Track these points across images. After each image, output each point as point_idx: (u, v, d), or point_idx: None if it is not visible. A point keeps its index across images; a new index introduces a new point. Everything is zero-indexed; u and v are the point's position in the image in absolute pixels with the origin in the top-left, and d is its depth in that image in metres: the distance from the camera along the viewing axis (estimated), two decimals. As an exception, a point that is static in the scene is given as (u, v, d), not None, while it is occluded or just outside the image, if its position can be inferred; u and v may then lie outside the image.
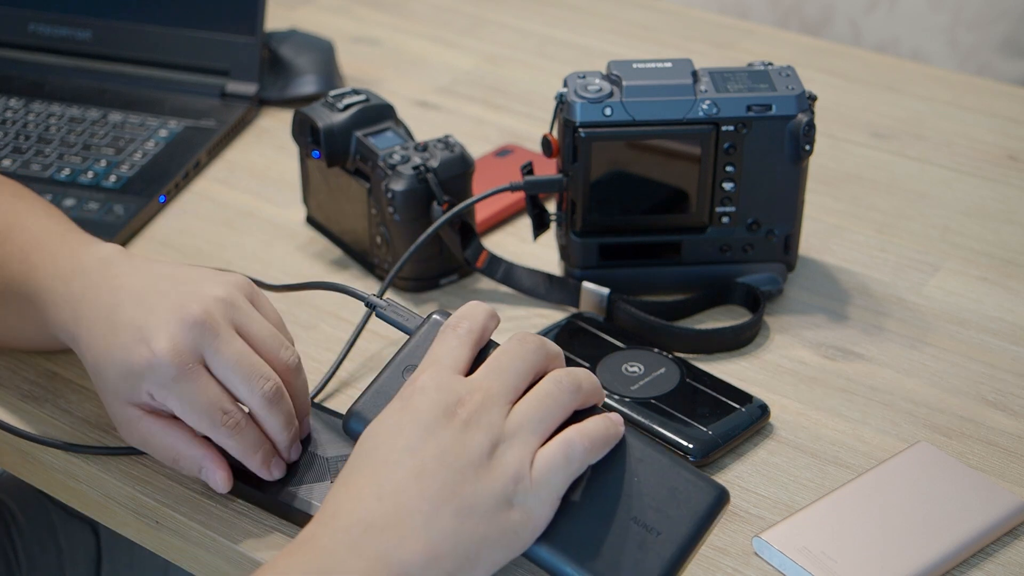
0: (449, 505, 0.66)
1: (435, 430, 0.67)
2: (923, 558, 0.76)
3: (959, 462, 0.84)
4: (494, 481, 0.67)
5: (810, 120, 0.94)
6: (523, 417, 0.69)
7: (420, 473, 0.66)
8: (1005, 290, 1.02)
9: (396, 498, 0.66)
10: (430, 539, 0.65)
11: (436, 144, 1.00)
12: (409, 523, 0.65)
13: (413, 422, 0.68)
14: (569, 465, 0.68)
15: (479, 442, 0.67)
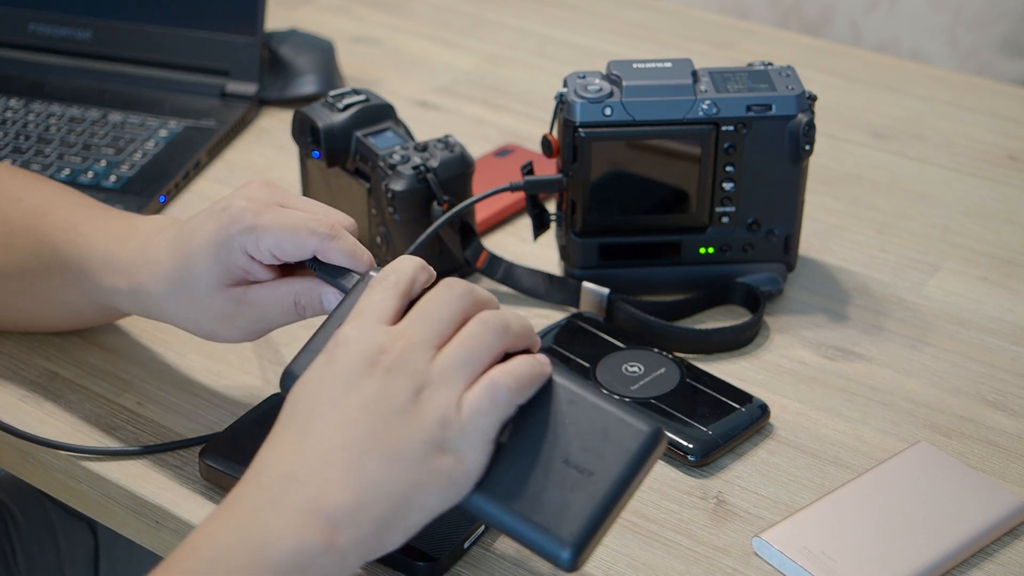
0: (374, 453, 0.65)
1: (358, 380, 0.67)
2: (923, 558, 0.76)
3: (959, 462, 0.84)
4: (420, 426, 0.66)
5: (810, 120, 0.94)
6: (447, 361, 0.68)
7: (343, 423, 0.66)
8: (1005, 290, 1.02)
9: (319, 449, 0.65)
10: (356, 486, 0.65)
11: (436, 144, 1.00)
12: (333, 472, 0.65)
13: (336, 374, 0.67)
14: (496, 407, 0.67)
15: (402, 388, 0.67)
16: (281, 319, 0.81)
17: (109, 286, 0.84)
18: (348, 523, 0.64)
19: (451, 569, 0.78)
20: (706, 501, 0.82)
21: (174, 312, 0.82)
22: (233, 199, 0.80)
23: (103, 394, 0.91)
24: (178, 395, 0.91)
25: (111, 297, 0.85)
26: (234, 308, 0.81)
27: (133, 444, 0.87)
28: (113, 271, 0.84)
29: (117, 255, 0.84)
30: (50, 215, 0.87)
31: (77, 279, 0.86)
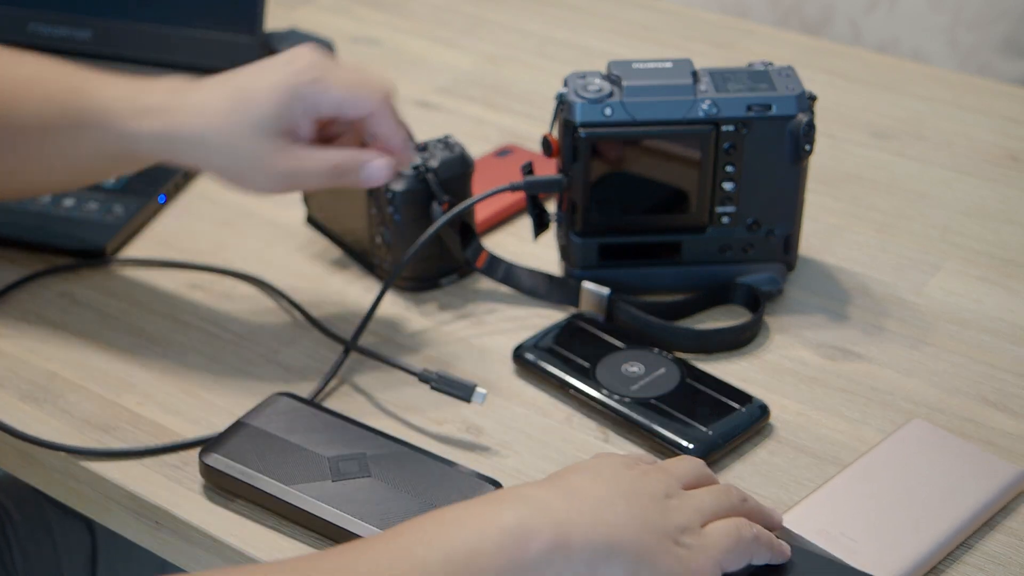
0: (621, 502, 0.67)
1: (618, 469, 0.70)
2: (937, 533, 0.78)
3: (955, 436, 0.85)
4: (665, 515, 0.68)
5: (810, 120, 0.94)
6: (699, 497, 0.72)
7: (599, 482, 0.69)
8: (1005, 290, 1.02)
9: (572, 495, 0.67)
10: (599, 517, 0.66)
11: (436, 144, 1.00)
12: (579, 507, 0.66)
13: (596, 465, 0.71)
14: (736, 539, 0.70)
15: (656, 484, 0.70)
16: (314, 180, 0.87)
17: (134, 130, 0.87)
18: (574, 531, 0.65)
19: (451, 569, 0.78)
20: (706, 501, 0.82)
21: (209, 154, 0.87)
22: (298, 54, 0.85)
23: (103, 394, 0.91)
24: (178, 395, 0.91)
25: (135, 143, 0.88)
26: (274, 157, 0.85)
27: (133, 444, 0.87)
28: (143, 114, 0.87)
29: (144, 100, 0.88)
30: (49, 80, 0.90)
31: (93, 132, 0.88)
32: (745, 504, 0.74)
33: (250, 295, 1.01)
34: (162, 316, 0.99)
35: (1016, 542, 0.79)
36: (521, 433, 0.88)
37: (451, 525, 0.65)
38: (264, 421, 0.85)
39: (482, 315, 0.99)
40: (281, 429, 0.85)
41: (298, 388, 0.91)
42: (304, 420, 0.86)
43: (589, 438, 0.88)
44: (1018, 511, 0.82)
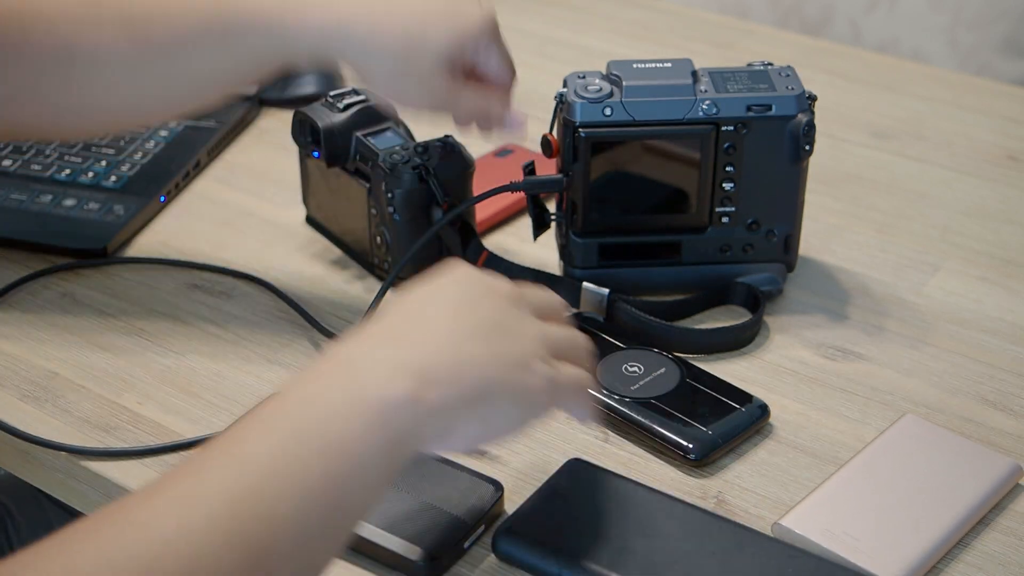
0: (477, 340, 0.68)
1: (476, 296, 0.71)
2: (937, 530, 0.78)
3: (948, 431, 0.86)
4: (522, 341, 0.70)
5: (810, 120, 0.94)
6: (552, 328, 0.73)
7: (454, 317, 0.69)
8: (1005, 290, 1.02)
9: (425, 324, 0.69)
10: (454, 357, 0.67)
11: (436, 144, 1.00)
12: (435, 342, 0.68)
13: (455, 283, 0.71)
14: (580, 390, 0.73)
15: (513, 314, 0.71)
16: (464, 111, 0.93)
17: (298, 25, 0.88)
18: (436, 384, 0.66)
19: (451, 569, 0.78)
20: (706, 501, 0.83)
21: (377, 57, 0.89)
22: (485, 6, 0.92)
23: (103, 394, 0.91)
24: (178, 395, 0.91)
25: (296, 41, 0.89)
26: (440, 78, 0.90)
27: (133, 444, 0.87)
28: (304, 8, 0.88)
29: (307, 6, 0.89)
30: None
31: (248, 34, 0.89)
32: (589, 356, 0.75)
33: (250, 295, 1.01)
34: (162, 316, 0.99)
35: (1015, 541, 0.80)
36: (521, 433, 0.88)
37: (313, 407, 0.65)
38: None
39: (482, 315, 0.99)
40: None
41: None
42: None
43: (589, 438, 0.88)
44: (1016, 510, 0.82)
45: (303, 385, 0.66)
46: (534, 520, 0.78)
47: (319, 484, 0.62)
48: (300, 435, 0.63)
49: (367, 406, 0.64)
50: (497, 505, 0.80)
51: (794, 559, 0.75)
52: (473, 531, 0.78)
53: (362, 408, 0.64)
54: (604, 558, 0.75)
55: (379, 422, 0.64)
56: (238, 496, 0.60)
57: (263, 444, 0.63)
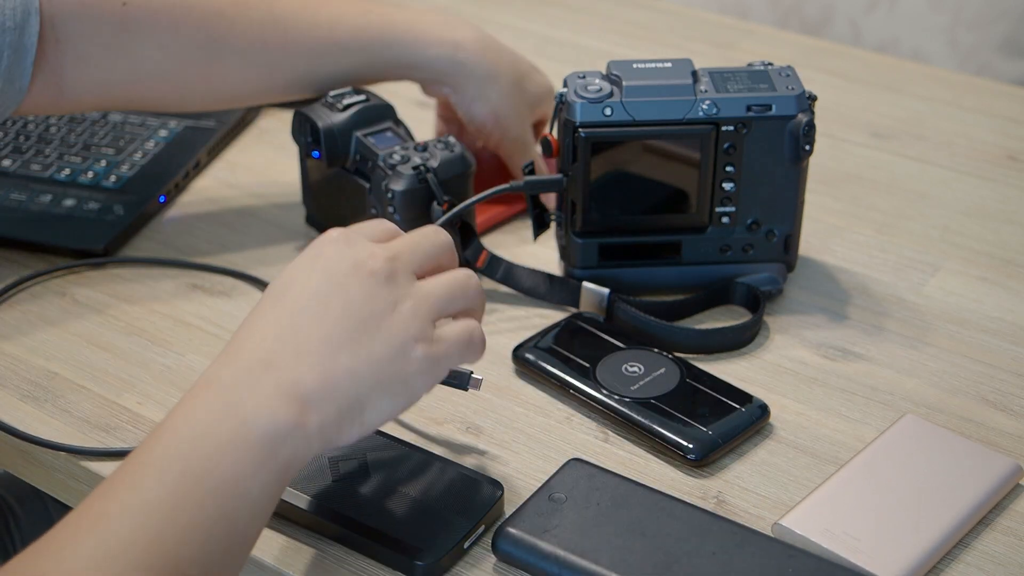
0: (347, 348, 0.70)
1: (343, 280, 0.71)
2: (937, 530, 0.78)
3: (948, 430, 0.86)
4: (391, 333, 0.71)
5: (810, 120, 0.94)
6: (430, 288, 0.73)
7: (324, 318, 0.70)
8: (1005, 290, 1.02)
9: (297, 338, 0.70)
10: (326, 375, 0.69)
11: (436, 144, 1.00)
12: (308, 360, 0.69)
13: (322, 270, 0.72)
14: (466, 345, 0.74)
15: (384, 295, 0.71)
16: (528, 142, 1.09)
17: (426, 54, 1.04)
18: (316, 406, 0.68)
19: (451, 569, 0.78)
20: (706, 501, 0.83)
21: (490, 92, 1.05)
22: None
23: (103, 394, 0.91)
24: (178, 395, 0.91)
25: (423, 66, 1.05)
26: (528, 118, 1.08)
27: (133, 444, 0.87)
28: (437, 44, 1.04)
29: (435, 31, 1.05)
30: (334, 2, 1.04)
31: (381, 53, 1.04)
32: (478, 294, 0.76)
33: (250, 295, 1.01)
34: (162, 316, 0.99)
35: (1015, 541, 0.80)
36: (521, 433, 0.88)
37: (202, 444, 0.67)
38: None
39: (482, 315, 0.99)
40: None
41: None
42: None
43: (589, 438, 0.88)
44: (1016, 510, 0.82)
45: (190, 417, 0.69)
46: (534, 520, 0.78)
47: (216, 523, 0.66)
48: (193, 476, 0.66)
49: (254, 440, 0.67)
50: (497, 505, 0.80)
51: (794, 559, 0.75)
52: (473, 531, 0.78)
53: (250, 442, 0.67)
54: (604, 558, 0.75)
55: (268, 454, 0.67)
56: (143, 547, 0.64)
57: (159, 489, 0.66)
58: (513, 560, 0.77)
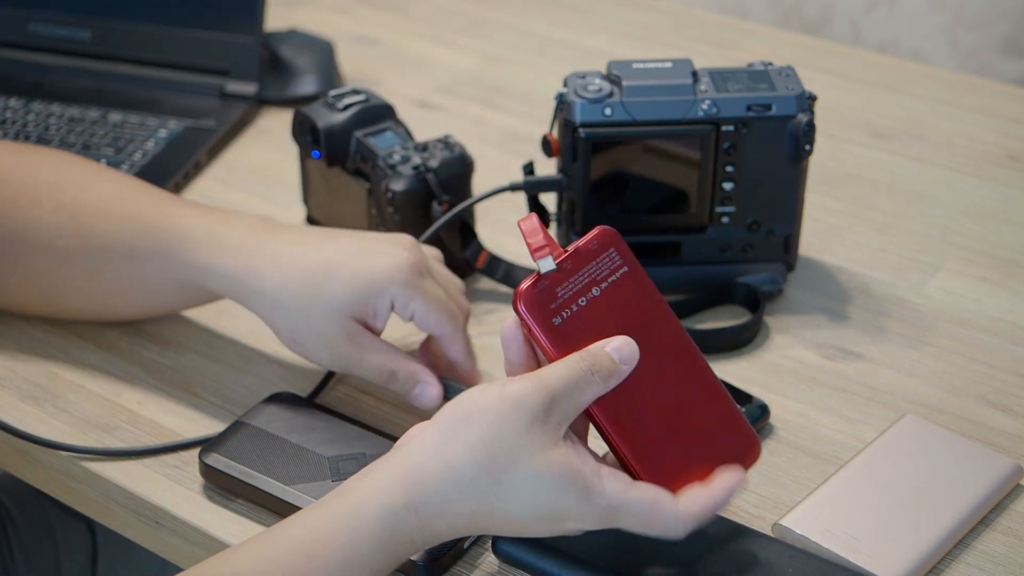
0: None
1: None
2: (938, 530, 0.78)
3: (948, 431, 0.86)
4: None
5: (810, 120, 0.94)
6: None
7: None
8: (1005, 290, 1.02)
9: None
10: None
11: (436, 144, 1.00)
12: None
13: None
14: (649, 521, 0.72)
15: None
16: (369, 374, 0.85)
17: (208, 264, 0.85)
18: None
19: (451, 569, 0.78)
20: (706, 501, 0.82)
21: (278, 313, 0.85)
22: (399, 249, 0.84)
23: (103, 394, 0.91)
24: (178, 395, 0.91)
25: (207, 277, 0.86)
26: (341, 340, 0.84)
27: (133, 444, 0.87)
28: (221, 251, 0.85)
29: (224, 235, 0.86)
30: (128, 200, 0.89)
31: (168, 258, 0.87)
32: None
33: (250, 295, 1.01)
34: (162, 316, 0.99)
35: (1015, 541, 0.80)
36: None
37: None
38: (264, 421, 0.85)
39: (482, 315, 0.99)
40: (281, 429, 0.85)
41: (298, 388, 0.91)
42: (304, 420, 0.86)
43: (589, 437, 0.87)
44: (1016, 510, 0.82)
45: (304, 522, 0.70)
46: None
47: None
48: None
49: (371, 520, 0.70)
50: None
51: (794, 559, 0.75)
52: (473, 531, 0.78)
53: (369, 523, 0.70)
54: (604, 558, 0.75)
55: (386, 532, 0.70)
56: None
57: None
58: (513, 560, 0.77)
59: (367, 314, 0.83)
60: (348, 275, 0.82)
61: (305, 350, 0.85)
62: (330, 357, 0.85)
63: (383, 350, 0.84)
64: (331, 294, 0.83)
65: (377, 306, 0.83)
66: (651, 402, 0.72)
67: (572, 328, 0.71)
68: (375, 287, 0.82)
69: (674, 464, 0.71)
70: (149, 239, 0.87)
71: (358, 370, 0.85)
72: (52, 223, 0.89)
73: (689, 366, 0.74)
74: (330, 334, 0.83)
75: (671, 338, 0.74)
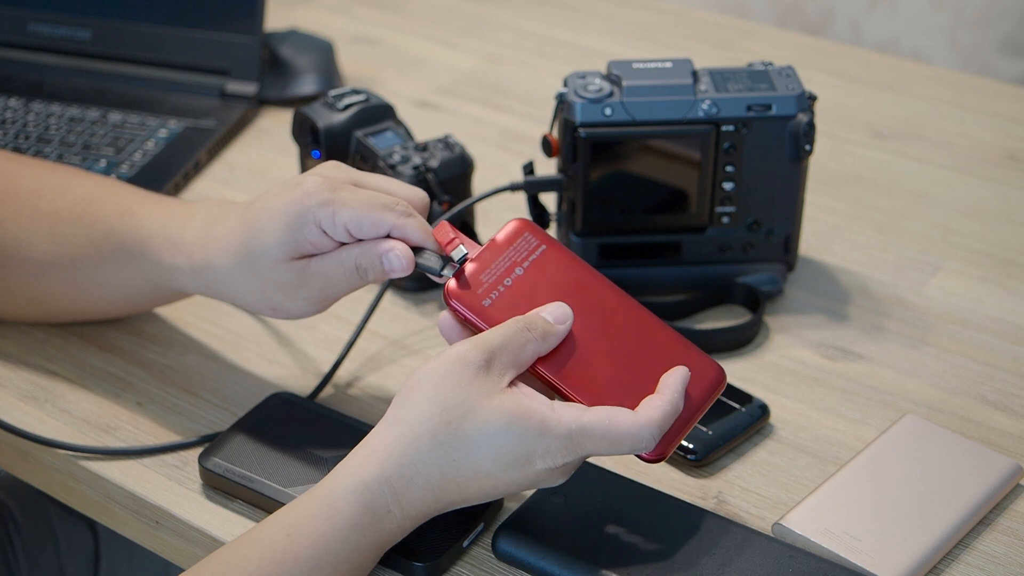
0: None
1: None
2: (938, 530, 0.78)
3: (948, 431, 0.86)
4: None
5: (810, 120, 0.94)
6: None
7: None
8: (1005, 290, 1.02)
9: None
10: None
11: (436, 144, 1.00)
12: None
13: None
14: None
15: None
16: (345, 285, 0.83)
17: (171, 264, 0.85)
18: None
19: (451, 569, 0.78)
20: (706, 501, 0.82)
21: (239, 287, 0.84)
22: (307, 176, 0.81)
23: (103, 394, 0.91)
24: (178, 395, 0.91)
25: (173, 276, 0.86)
26: (299, 279, 0.82)
27: (133, 444, 0.87)
28: (176, 250, 0.85)
29: (179, 233, 0.85)
30: (100, 202, 0.89)
31: (136, 261, 0.87)
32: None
33: (250, 295, 1.01)
34: (162, 316, 0.99)
35: (1015, 541, 0.80)
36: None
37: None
38: (263, 422, 0.85)
39: (482, 315, 0.99)
40: (280, 430, 0.85)
41: (298, 388, 0.91)
42: (303, 420, 0.86)
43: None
44: (1016, 510, 0.82)
45: (286, 512, 0.73)
46: (534, 520, 0.78)
47: None
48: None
49: (347, 497, 0.72)
50: (497, 503, 0.80)
51: (794, 559, 0.75)
52: (472, 528, 0.78)
53: (344, 500, 0.72)
54: (604, 558, 0.75)
55: (361, 507, 0.73)
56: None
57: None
58: (513, 560, 0.77)
59: (305, 248, 0.81)
60: (267, 223, 0.81)
61: (281, 310, 0.84)
62: (307, 302, 0.83)
63: (336, 255, 0.81)
64: (262, 249, 0.81)
65: (307, 236, 0.80)
66: (598, 353, 0.76)
67: (503, 305, 0.76)
68: (293, 221, 0.80)
69: (633, 404, 0.74)
70: (115, 243, 0.88)
71: (333, 291, 0.83)
72: (30, 233, 0.90)
73: (631, 318, 0.78)
74: (285, 282, 0.82)
75: (605, 295, 0.78)
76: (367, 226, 0.79)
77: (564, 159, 0.96)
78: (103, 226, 0.88)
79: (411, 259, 0.80)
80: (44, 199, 0.90)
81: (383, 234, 0.80)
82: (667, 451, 0.74)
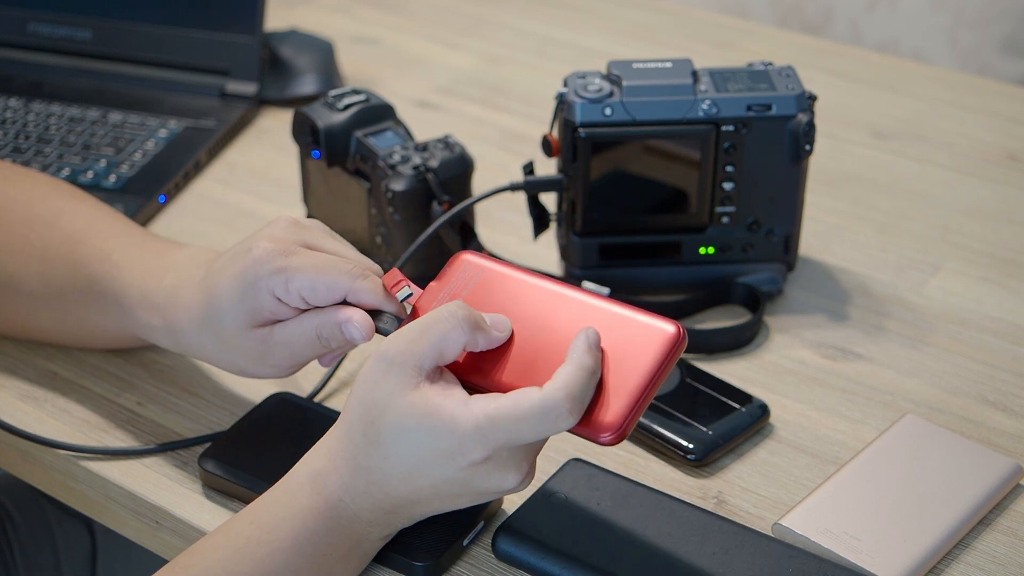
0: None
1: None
2: (938, 530, 0.78)
3: (948, 431, 0.86)
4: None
5: (810, 120, 0.94)
6: None
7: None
8: (1005, 290, 1.02)
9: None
10: None
11: (436, 144, 1.00)
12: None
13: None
14: None
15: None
16: (310, 352, 0.81)
17: (145, 322, 0.85)
18: None
19: (451, 569, 0.78)
20: (706, 501, 0.83)
21: (208, 352, 0.83)
22: (258, 239, 0.79)
23: (103, 394, 0.91)
24: (178, 395, 0.91)
25: (149, 332, 0.86)
26: (262, 347, 0.80)
27: (133, 444, 0.87)
28: (149, 308, 0.84)
29: (153, 292, 0.84)
30: (86, 243, 0.88)
31: (114, 311, 0.87)
32: None
33: (250, 295, 1.01)
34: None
35: (1015, 541, 0.80)
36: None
37: None
38: (263, 422, 0.85)
39: (482, 315, 0.99)
40: (280, 430, 0.85)
41: (298, 388, 0.91)
42: (303, 421, 0.86)
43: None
44: (1016, 510, 0.82)
45: (248, 513, 0.75)
46: (534, 520, 0.78)
47: None
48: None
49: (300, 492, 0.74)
50: (496, 502, 0.80)
51: (794, 559, 0.75)
52: (472, 528, 0.78)
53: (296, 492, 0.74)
54: (604, 558, 0.75)
55: (315, 492, 0.74)
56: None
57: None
58: (513, 560, 0.77)
59: (263, 315, 0.79)
60: (223, 293, 0.79)
61: (257, 374, 0.83)
62: (275, 368, 0.82)
63: (297, 324, 0.79)
64: (221, 319, 0.80)
65: (264, 304, 0.78)
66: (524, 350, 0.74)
67: None
68: (248, 291, 0.78)
69: None
70: (96, 292, 0.87)
71: (298, 359, 0.81)
72: (21, 268, 0.90)
73: (568, 308, 0.75)
74: (250, 350, 0.80)
75: (542, 296, 0.76)
76: (322, 291, 0.78)
77: (564, 159, 0.96)
78: (86, 272, 0.87)
79: (371, 327, 0.78)
80: (34, 231, 0.89)
81: (339, 299, 0.78)
82: (623, 424, 0.69)
